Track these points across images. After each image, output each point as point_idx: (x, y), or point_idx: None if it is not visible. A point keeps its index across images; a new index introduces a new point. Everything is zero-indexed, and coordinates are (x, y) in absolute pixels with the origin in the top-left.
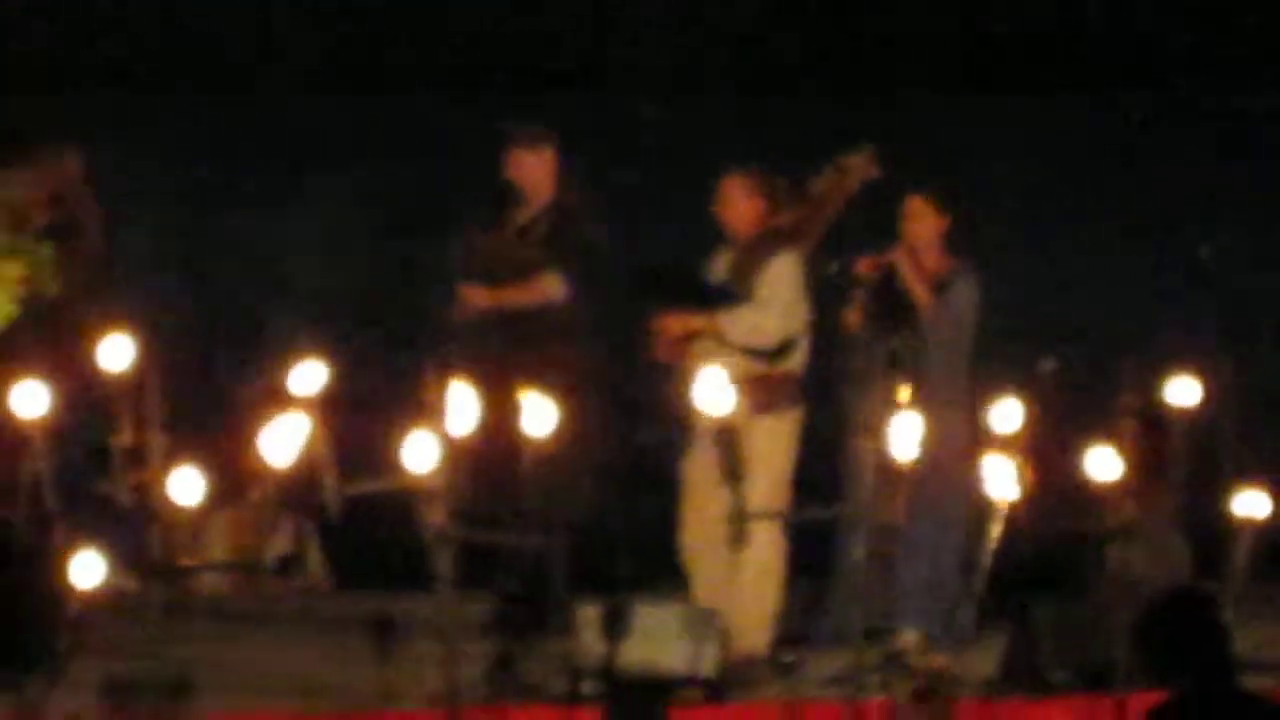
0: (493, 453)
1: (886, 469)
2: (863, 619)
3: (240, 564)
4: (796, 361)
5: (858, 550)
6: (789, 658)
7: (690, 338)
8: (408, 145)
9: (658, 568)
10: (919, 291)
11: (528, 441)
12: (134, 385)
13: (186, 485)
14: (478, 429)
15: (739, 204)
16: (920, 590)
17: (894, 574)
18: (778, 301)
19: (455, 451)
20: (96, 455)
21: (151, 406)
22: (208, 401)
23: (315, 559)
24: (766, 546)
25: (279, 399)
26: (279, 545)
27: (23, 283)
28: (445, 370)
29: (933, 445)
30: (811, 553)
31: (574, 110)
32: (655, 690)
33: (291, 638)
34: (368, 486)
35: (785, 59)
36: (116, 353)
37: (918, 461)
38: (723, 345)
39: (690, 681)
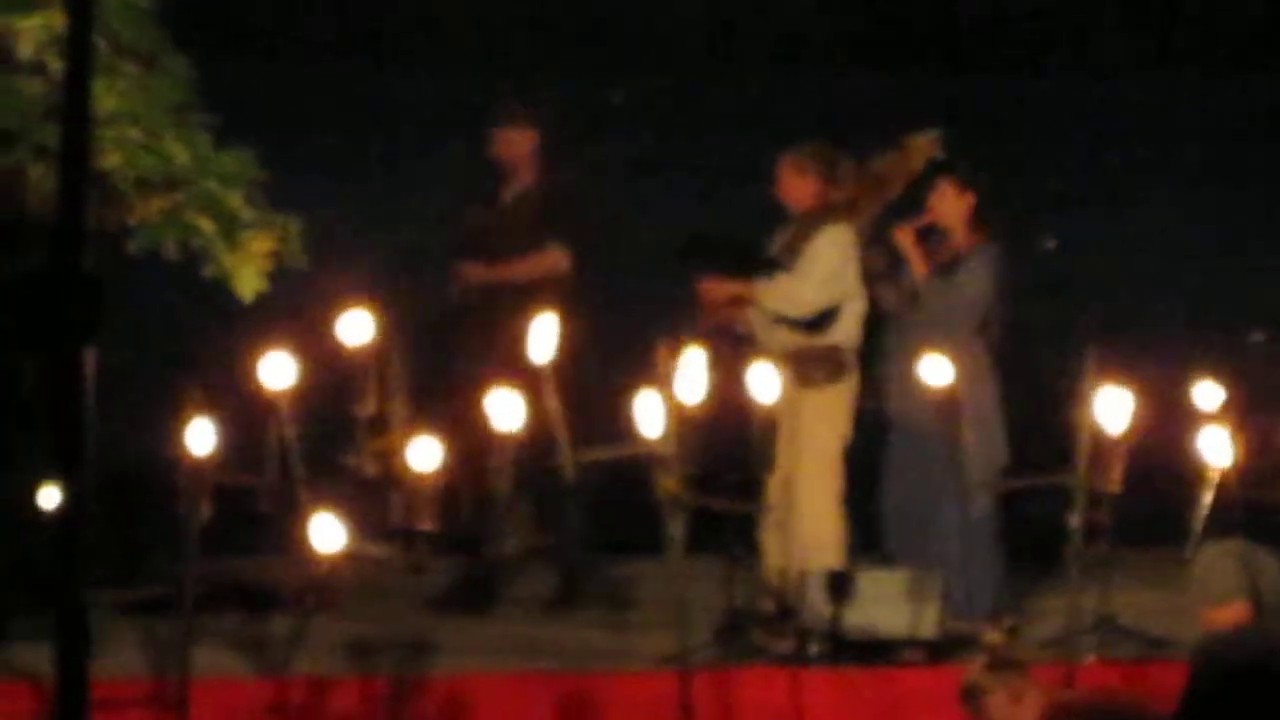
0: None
1: (1101, 439)
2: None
3: (474, 532)
4: (843, 333)
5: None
6: (1008, 621)
7: (732, 305)
8: None
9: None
10: (915, 266)
11: (756, 408)
12: (377, 356)
13: (427, 453)
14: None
15: (793, 181)
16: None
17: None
18: (817, 272)
19: (686, 418)
20: (340, 425)
21: (394, 377)
22: (448, 371)
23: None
24: (820, 518)
25: (513, 367)
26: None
27: (271, 257)
28: (676, 338)
29: (931, 418)
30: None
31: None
32: (878, 651)
33: (526, 599)
34: (602, 453)
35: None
36: (359, 327)
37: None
38: (765, 314)
39: (911, 643)
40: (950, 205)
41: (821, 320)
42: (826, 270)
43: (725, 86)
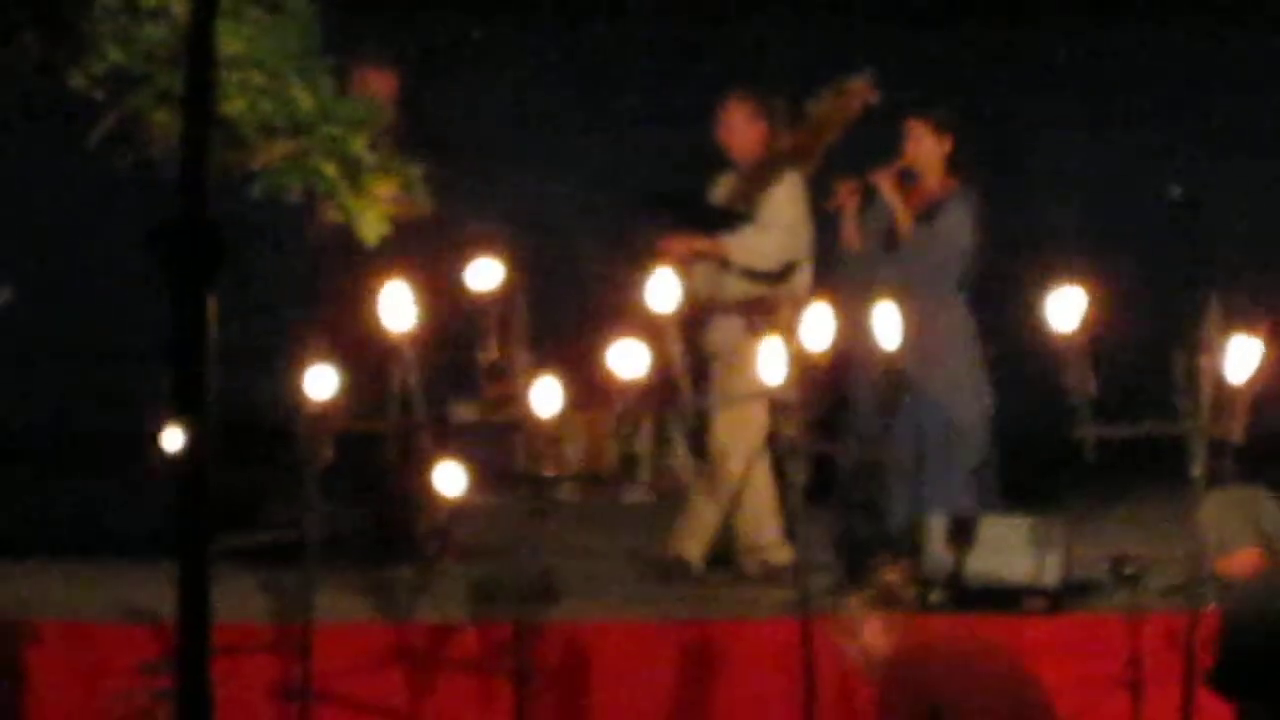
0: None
1: (1222, 387)
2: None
3: (599, 474)
4: (799, 284)
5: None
6: (1130, 569)
7: (693, 259)
8: None
9: None
10: (899, 214)
11: (880, 355)
12: (500, 302)
13: (548, 398)
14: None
15: (741, 128)
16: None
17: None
18: (780, 224)
19: (809, 365)
20: (463, 371)
21: (517, 323)
22: (573, 315)
23: (680, 462)
24: (758, 475)
25: (638, 313)
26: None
27: (395, 201)
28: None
29: (921, 365)
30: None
31: None
32: (1000, 598)
33: (648, 544)
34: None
35: None
36: (485, 273)
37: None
38: (725, 268)
39: (1034, 591)
40: (927, 149)
41: (783, 272)
42: (790, 221)
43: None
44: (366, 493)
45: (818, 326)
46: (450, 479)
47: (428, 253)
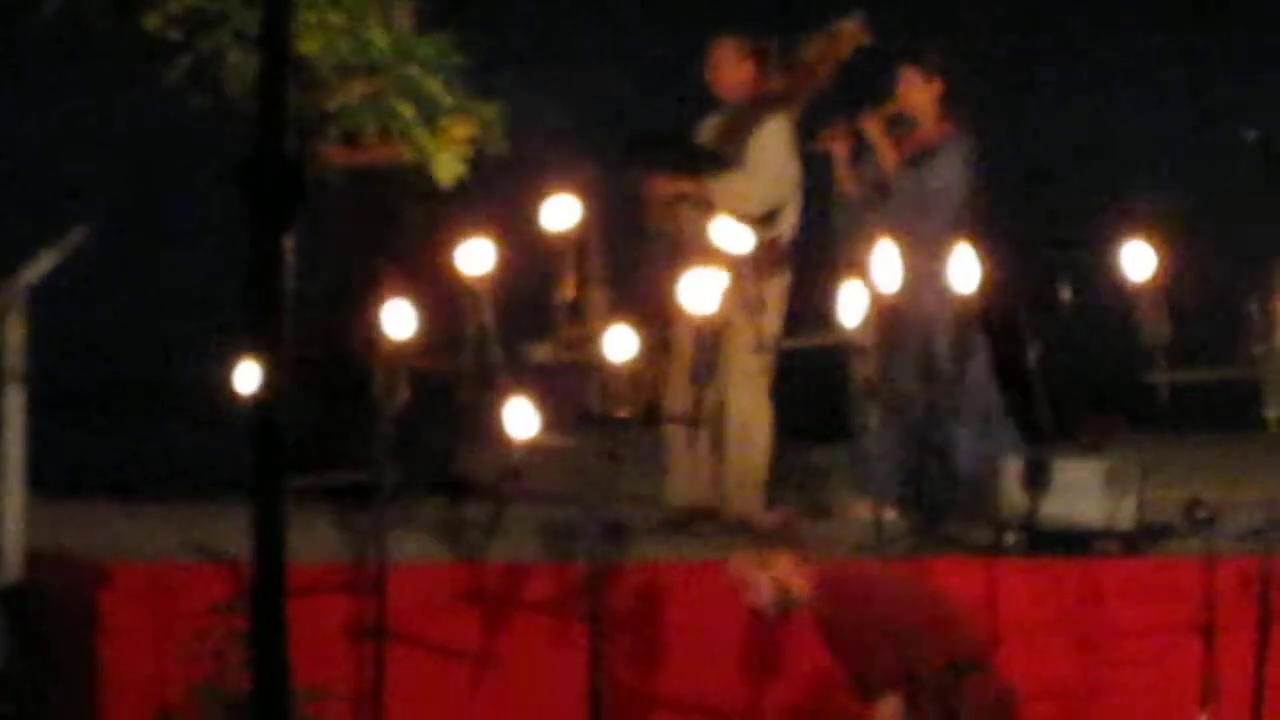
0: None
1: None
2: None
3: (670, 415)
4: (784, 227)
5: None
6: (1204, 513)
7: (679, 201)
8: None
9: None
10: (887, 159)
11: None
12: (577, 243)
13: (623, 340)
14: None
15: (729, 68)
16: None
17: None
18: (768, 167)
19: (883, 308)
20: (538, 312)
21: (593, 264)
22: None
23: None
24: (749, 413)
25: (707, 255)
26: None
27: (471, 142)
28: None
29: (913, 308)
30: None
31: None
32: (1074, 542)
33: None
34: (801, 340)
35: None
36: (562, 212)
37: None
38: (710, 210)
39: (1108, 534)
40: (917, 94)
41: (770, 215)
42: (777, 165)
43: None
44: (441, 432)
45: (887, 267)
46: (523, 419)
47: (503, 191)
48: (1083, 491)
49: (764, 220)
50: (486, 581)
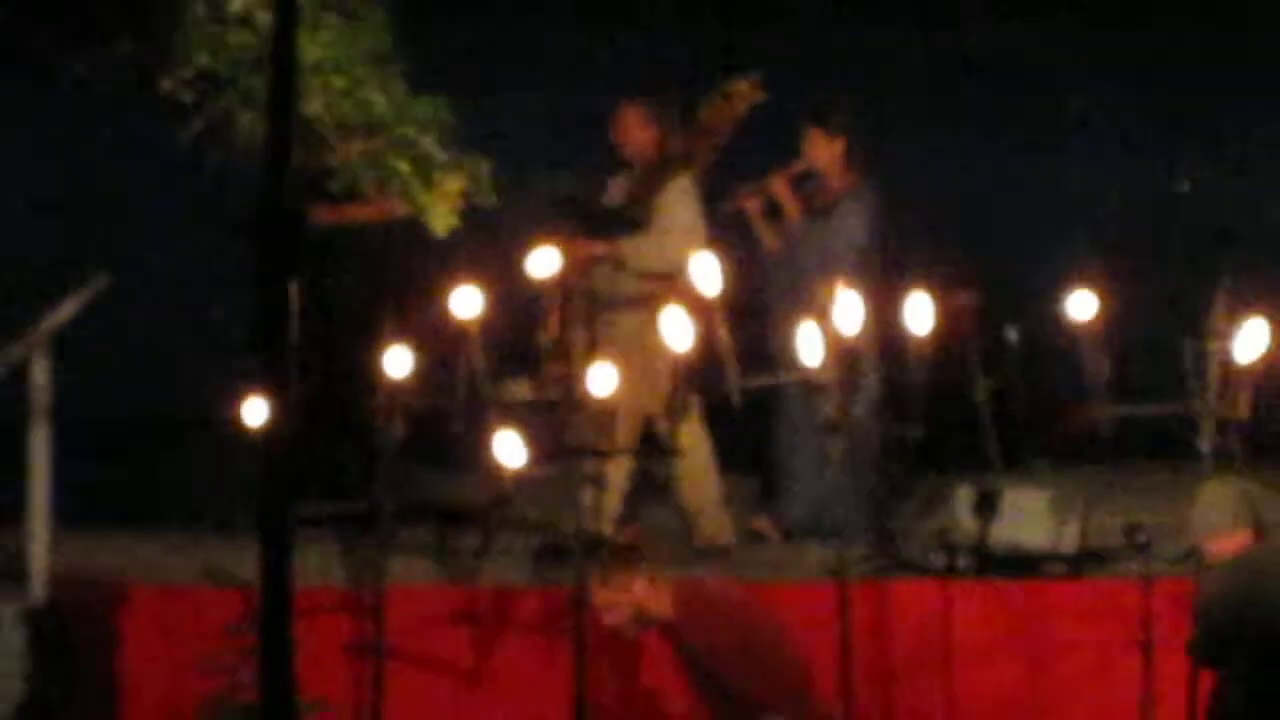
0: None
1: (1229, 369)
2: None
3: (651, 447)
4: (688, 283)
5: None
6: (1142, 537)
7: (595, 262)
8: None
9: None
10: (791, 214)
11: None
12: (560, 288)
13: (602, 378)
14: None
15: (635, 131)
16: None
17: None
18: (678, 226)
19: (841, 348)
20: (523, 351)
21: (575, 307)
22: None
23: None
24: (695, 450)
25: (682, 297)
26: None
27: (463, 196)
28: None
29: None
30: None
31: None
32: (1022, 564)
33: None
34: (767, 380)
35: None
36: (545, 261)
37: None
38: (621, 268)
39: (1054, 557)
40: (821, 151)
41: (677, 270)
42: (686, 223)
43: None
44: (435, 465)
45: (849, 310)
46: (512, 450)
47: (492, 242)
48: (1030, 518)
49: (671, 276)
50: (478, 603)
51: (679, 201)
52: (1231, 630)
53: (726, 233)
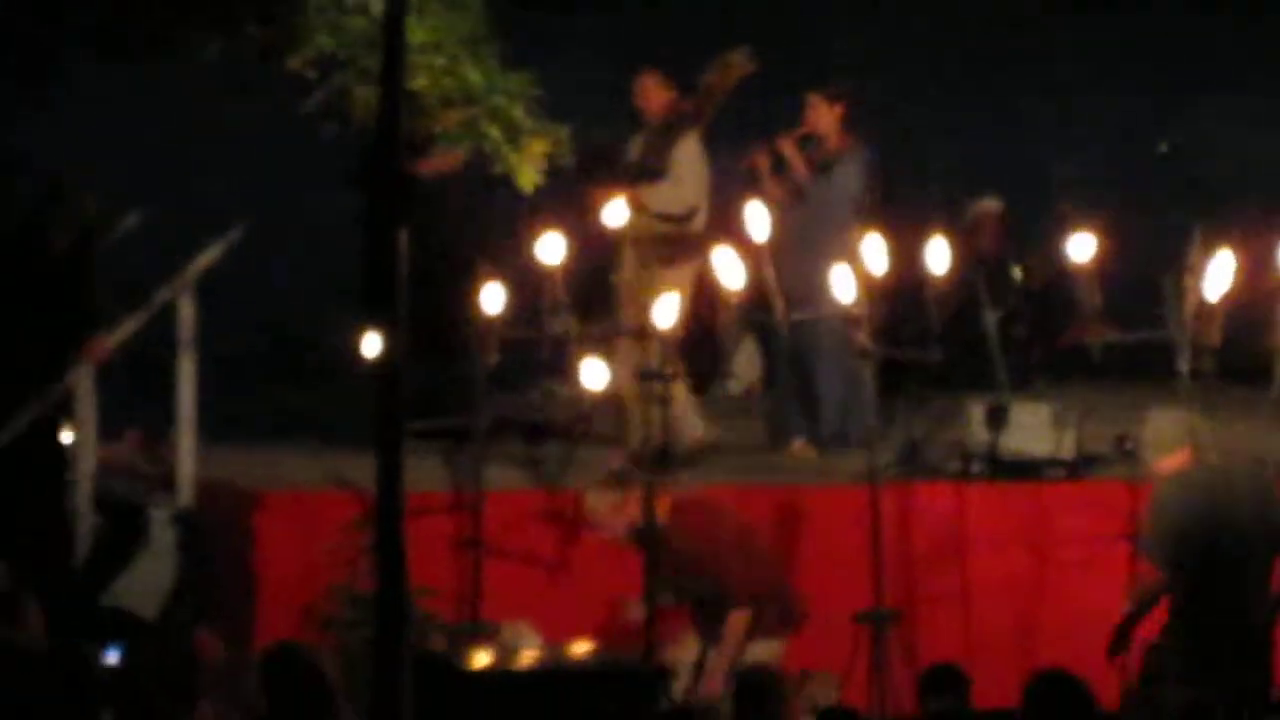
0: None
1: (1202, 302)
2: None
3: (709, 373)
4: (698, 223)
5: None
6: (1129, 445)
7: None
8: None
9: None
10: (800, 172)
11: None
12: (629, 233)
13: (669, 309)
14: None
15: (654, 94)
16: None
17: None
18: (687, 174)
19: (872, 285)
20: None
21: (643, 248)
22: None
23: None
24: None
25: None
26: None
27: (545, 157)
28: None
29: (823, 297)
30: None
31: None
32: (1027, 469)
33: (740, 428)
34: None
35: None
36: (618, 212)
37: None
38: (641, 211)
39: (1054, 463)
40: (823, 116)
41: (689, 214)
42: (694, 172)
43: None
44: (525, 386)
45: (877, 252)
46: (594, 374)
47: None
48: (1033, 429)
49: (685, 218)
50: (561, 505)
51: (689, 154)
52: (1181, 536)
53: (741, 184)
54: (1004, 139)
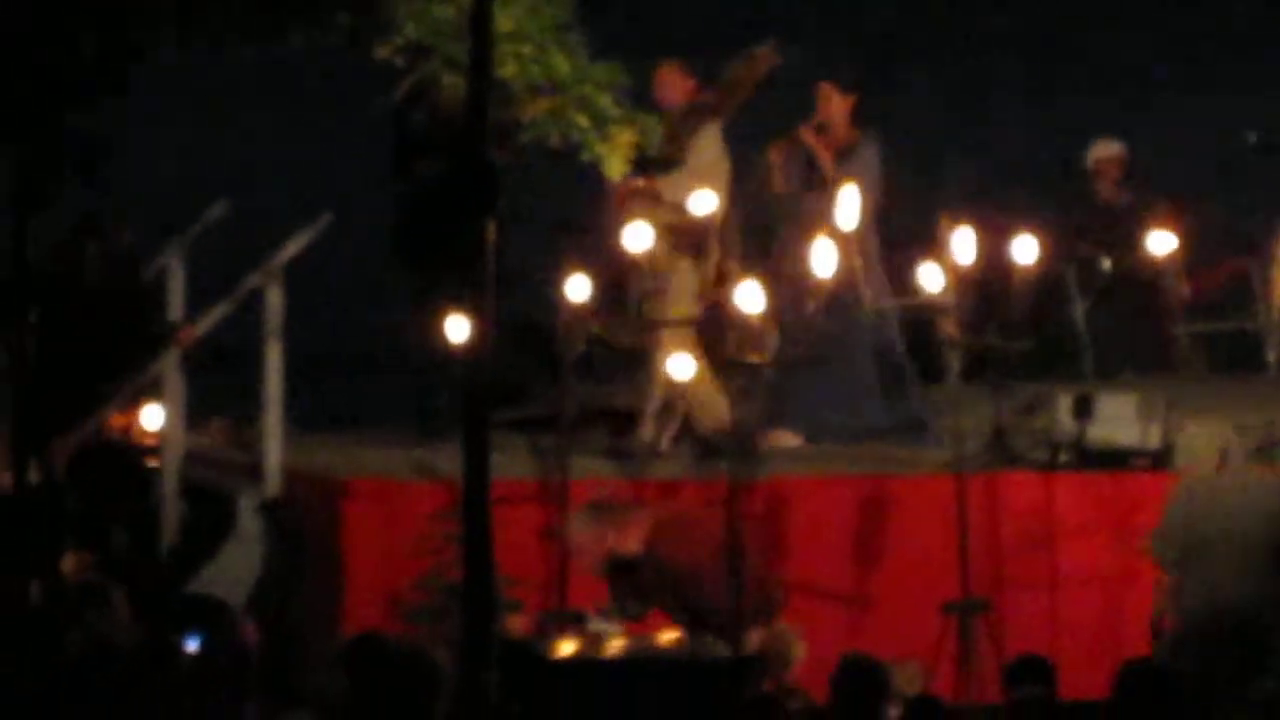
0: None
1: None
2: None
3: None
4: (712, 213)
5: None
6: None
7: (635, 195)
8: None
9: None
10: (824, 160)
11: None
12: (719, 223)
13: (752, 297)
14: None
15: (675, 85)
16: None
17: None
18: (705, 165)
19: (960, 275)
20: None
21: (730, 240)
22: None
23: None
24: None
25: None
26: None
27: (633, 147)
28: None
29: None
30: None
31: None
32: (1113, 459)
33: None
34: (899, 301)
35: None
36: (706, 201)
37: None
38: (658, 201)
39: (1140, 453)
40: (835, 106)
41: (702, 202)
42: (711, 163)
43: None
44: (609, 376)
45: (966, 246)
46: (680, 364)
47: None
48: (1120, 419)
49: (700, 209)
50: (646, 493)
51: (707, 145)
52: (1183, 536)
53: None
54: (1093, 131)
